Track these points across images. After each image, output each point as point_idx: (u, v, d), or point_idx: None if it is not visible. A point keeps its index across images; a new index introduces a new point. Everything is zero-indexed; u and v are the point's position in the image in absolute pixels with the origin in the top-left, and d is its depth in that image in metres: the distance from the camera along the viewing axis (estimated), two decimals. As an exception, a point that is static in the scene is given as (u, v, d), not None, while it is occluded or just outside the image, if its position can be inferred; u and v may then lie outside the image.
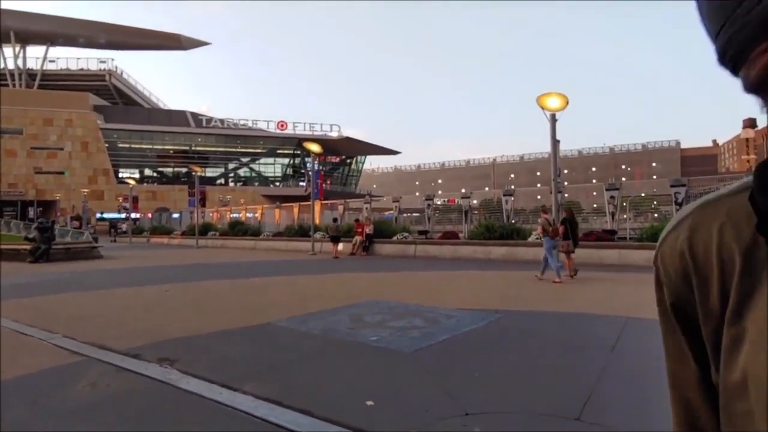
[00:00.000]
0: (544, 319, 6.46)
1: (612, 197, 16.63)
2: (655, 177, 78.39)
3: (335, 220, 20.11)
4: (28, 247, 16.89)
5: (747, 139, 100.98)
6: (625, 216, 18.27)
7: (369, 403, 3.46)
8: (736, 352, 0.37)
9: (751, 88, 0.36)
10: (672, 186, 15.00)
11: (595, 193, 25.24)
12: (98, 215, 52.94)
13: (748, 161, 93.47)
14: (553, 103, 12.85)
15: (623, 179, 66.28)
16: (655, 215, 20.74)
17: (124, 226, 41.10)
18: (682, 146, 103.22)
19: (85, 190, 51.52)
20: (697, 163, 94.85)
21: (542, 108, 12.92)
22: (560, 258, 10.15)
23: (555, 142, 13.46)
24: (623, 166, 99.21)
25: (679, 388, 0.45)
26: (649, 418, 3.13)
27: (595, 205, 26.16)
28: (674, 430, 0.47)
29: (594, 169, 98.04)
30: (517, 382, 3.96)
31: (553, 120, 13.10)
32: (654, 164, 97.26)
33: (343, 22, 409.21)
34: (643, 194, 22.10)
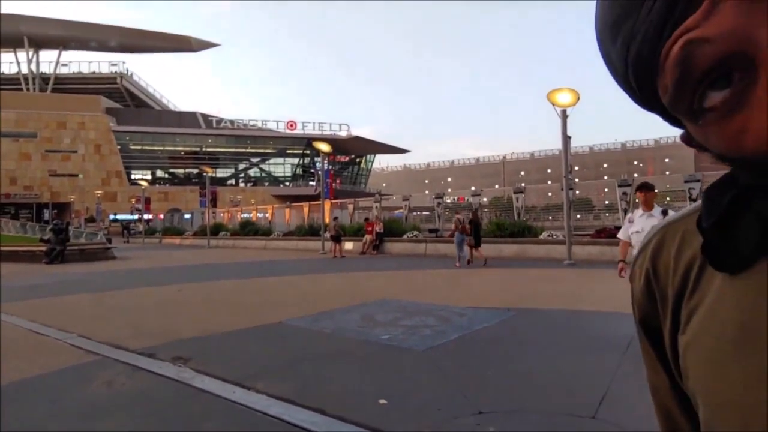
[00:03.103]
0: (557, 317, 6.41)
1: (624, 193, 16.44)
2: (668, 173, 77.37)
3: (335, 218, 20.04)
4: (43, 248, 17.16)
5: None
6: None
7: (382, 401, 3.45)
8: (685, 362, 0.40)
9: (672, 99, 0.34)
10: (686, 182, 14.78)
11: (606, 190, 24.93)
12: (111, 217, 53.62)
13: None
14: (564, 98, 12.74)
15: (636, 175, 65.56)
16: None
17: (139, 226, 41.56)
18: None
19: (99, 192, 52.21)
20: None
21: (553, 104, 12.82)
22: (465, 250, 13.79)
23: (566, 139, 13.36)
24: (635, 162, 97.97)
25: (658, 397, 0.48)
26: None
27: (607, 202, 25.91)
28: None
29: (606, 165, 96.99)
30: (531, 381, 3.93)
31: (564, 116, 12.99)
32: (667, 160, 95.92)
33: (352, 21, 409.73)
34: (656, 190, 21.81)
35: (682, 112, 0.34)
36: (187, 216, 40.79)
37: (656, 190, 4.98)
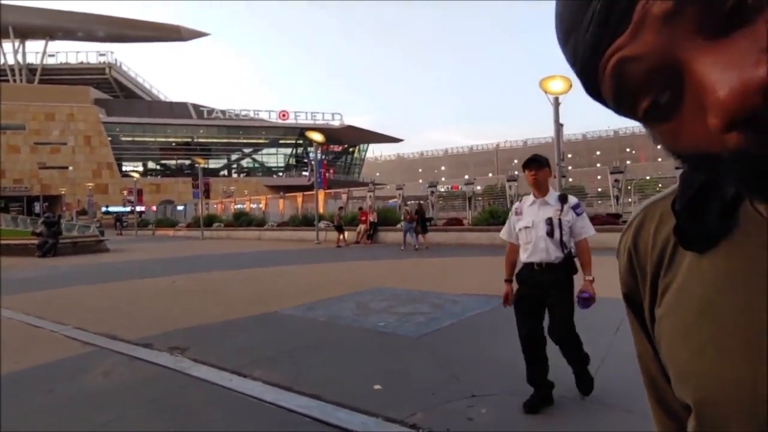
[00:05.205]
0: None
1: (616, 180, 16.58)
2: (660, 159, 77.75)
3: (341, 208, 20.22)
4: (36, 241, 17.05)
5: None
6: (629, 199, 18.21)
7: (377, 387, 3.52)
8: (658, 333, 0.44)
9: (614, 107, 0.36)
10: (677, 168, 14.87)
11: (599, 177, 25.08)
12: (103, 209, 53.19)
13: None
14: (556, 86, 12.74)
15: (628, 162, 65.83)
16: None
17: (132, 218, 41.26)
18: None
19: (90, 184, 51.70)
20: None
21: (545, 91, 12.82)
22: (416, 236, 15.92)
23: (558, 126, 13.40)
24: (628, 149, 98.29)
25: (644, 365, 0.51)
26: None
27: (599, 189, 26.05)
28: (649, 402, 0.53)
29: (598, 152, 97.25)
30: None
31: (556, 103, 13.01)
32: (659, 147, 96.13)
33: (343, 9, 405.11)
34: (647, 177, 21.98)
35: (627, 116, 0.37)
36: (179, 207, 40.55)
37: (549, 169, 3.39)
